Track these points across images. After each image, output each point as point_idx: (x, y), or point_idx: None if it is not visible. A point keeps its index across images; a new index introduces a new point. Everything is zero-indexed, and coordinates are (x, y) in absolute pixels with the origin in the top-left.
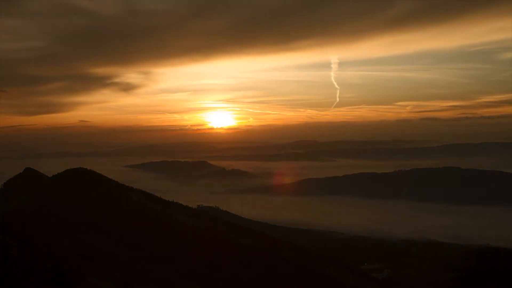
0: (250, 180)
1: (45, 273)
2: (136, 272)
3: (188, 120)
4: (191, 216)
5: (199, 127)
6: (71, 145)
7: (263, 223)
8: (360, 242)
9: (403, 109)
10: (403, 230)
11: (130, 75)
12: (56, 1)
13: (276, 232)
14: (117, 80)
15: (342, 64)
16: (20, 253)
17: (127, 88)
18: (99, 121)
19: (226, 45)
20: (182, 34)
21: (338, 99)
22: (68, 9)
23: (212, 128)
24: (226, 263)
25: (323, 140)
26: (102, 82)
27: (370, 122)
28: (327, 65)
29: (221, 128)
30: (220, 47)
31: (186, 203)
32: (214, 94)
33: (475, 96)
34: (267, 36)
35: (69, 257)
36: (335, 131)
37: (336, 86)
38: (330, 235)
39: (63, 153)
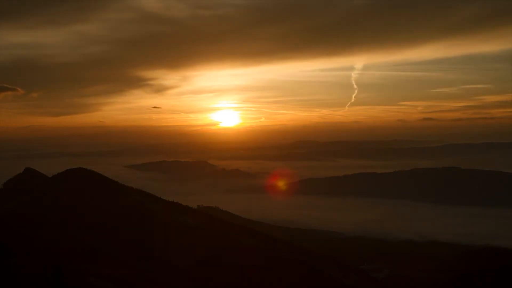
0: (250, 180)
1: (45, 273)
2: (136, 272)
3: (201, 119)
4: (191, 216)
5: (197, 127)
6: (73, 145)
7: (263, 223)
8: (360, 242)
9: (414, 109)
10: (403, 230)
11: (169, 76)
12: (130, 6)
13: (276, 232)
14: (152, 82)
15: (372, 67)
16: (20, 253)
17: (160, 89)
18: (113, 121)
19: (278, 51)
20: (241, 40)
21: (353, 99)
22: (140, 15)
23: (209, 128)
24: (226, 263)
25: (323, 140)
26: (137, 84)
27: (374, 123)
28: (367, 68)
29: (221, 128)
30: (271, 53)
31: (186, 203)
32: (237, 95)
33: (491, 96)
34: (320, 44)
35: (69, 257)
36: (336, 131)
37: (355, 86)
38: (330, 235)
39: (64, 153)
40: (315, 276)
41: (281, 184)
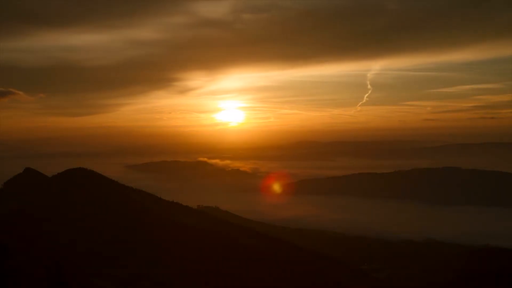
0: (250, 180)
1: (46, 272)
2: (136, 272)
3: (210, 119)
4: (191, 216)
5: (203, 128)
6: (76, 145)
7: (263, 223)
8: (360, 242)
9: (423, 109)
10: (403, 230)
11: (198, 78)
12: (182, 10)
13: (276, 232)
14: (179, 83)
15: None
16: (21, 253)
17: (183, 90)
18: (124, 121)
19: (315, 55)
20: (280, 44)
21: (365, 99)
22: (190, 19)
23: (215, 128)
24: (226, 263)
25: (323, 140)
26: (163, 85)
27: (376, 123)
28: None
29: (226, 128)
30: (307, 57)
31: (186, 203)
32: (254, 95)
33: (498, 96)
34: (357, 48)
35: (69, 257)
36: (337, 131)
37: (369, 86)
38: (330, 235)
39: (65, 153)
40: (315, 276)
41: (281, 184)
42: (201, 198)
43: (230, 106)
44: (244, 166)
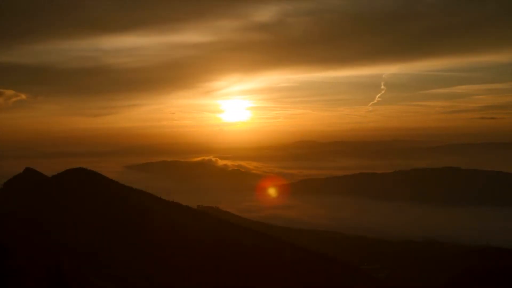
0: (250, 180)
1: (46, 272)
2: (136, 272)
3: (217, 119)
4: (191, 216)
5: (208, 127)
6: (75, 145)
7: (263, 223)
8: (360, 242)
9: (426, 110)
10: (403, 230)
11: (225, 79)
12: (231, 13)
13: (276, 232)
14: (203, 84)
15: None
16: (20, 254)
17: (208, 91)
18: (135, 122)
19: (347, 59)
20: (314, 47)
21: (376, 100)
22: (243, 24)
23: (218, 128)
24: (226, 263)
25: (323, 140)
26: (187, 86)
27: (378, 123)
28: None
29: (229, 128)
30: (337, 60)
31: (186, 203)
32: (269, 95)
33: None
34: (386, 54)
35: (69, 257)
36: (338, 131)
37: (382, 86)
38: (330, 235)
39: (64, 153)
40: (316, 276)
41: (281, 184)
42: (201, 198)
43: (242, 106)
44: (245, 166)
